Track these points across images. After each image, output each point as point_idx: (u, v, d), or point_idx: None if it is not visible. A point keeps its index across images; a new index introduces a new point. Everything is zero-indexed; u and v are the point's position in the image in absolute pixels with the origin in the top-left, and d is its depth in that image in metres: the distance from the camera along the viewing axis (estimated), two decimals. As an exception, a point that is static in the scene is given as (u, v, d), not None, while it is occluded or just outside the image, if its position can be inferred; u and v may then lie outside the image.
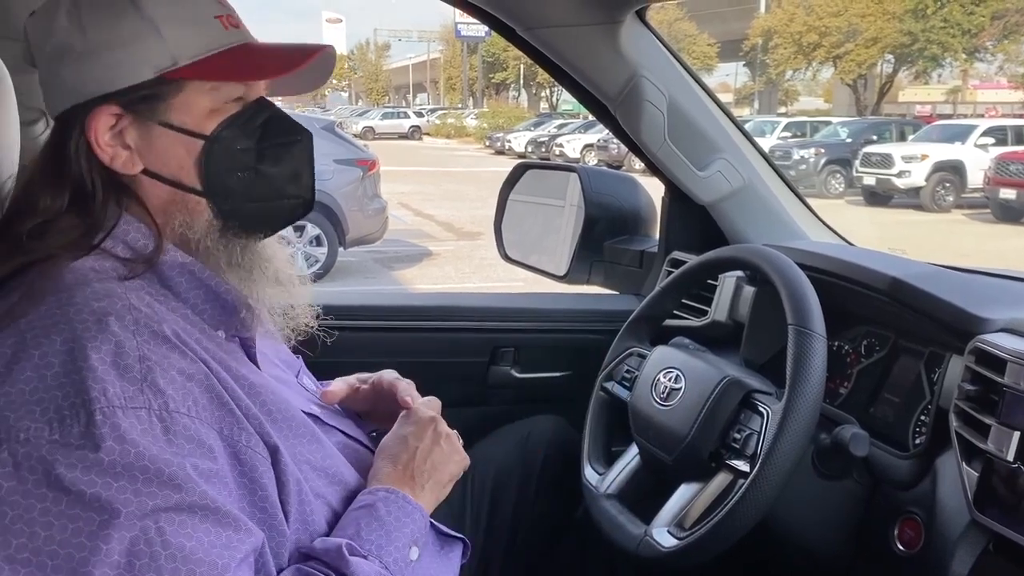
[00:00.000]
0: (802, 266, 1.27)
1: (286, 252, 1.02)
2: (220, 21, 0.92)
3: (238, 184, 0.92)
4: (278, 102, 1.00)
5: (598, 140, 21.46)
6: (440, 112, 44.93)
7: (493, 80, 56.91)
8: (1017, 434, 1.01)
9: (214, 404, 0.84)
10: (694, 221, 1.79)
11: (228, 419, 0.84)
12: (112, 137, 0.88)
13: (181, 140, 0.90)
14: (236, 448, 0.84)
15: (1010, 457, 1.02)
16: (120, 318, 0.81)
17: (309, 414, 0.99)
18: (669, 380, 1.32)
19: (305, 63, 0.93)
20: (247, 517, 0.82)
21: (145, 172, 0.90)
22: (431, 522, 1.15)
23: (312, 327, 1.08)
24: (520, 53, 1.69)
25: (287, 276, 0.99)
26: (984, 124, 16.52)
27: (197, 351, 0.85)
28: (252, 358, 0.98)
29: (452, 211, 11.93)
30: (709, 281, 1.63)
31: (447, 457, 1.06)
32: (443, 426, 1.09)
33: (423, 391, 1.63)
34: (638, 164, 1.81)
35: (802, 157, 16.75)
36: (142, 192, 0.90)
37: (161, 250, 0.89)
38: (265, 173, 0.94)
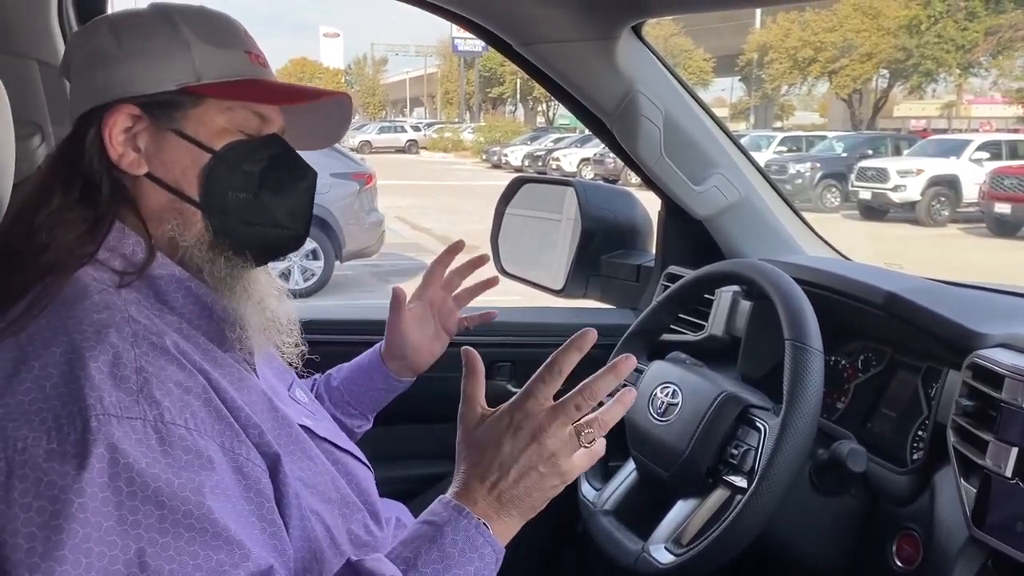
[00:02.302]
0: (799, 281, 1.27)
1: (271, 277, 1.04)
2: (248, 56, 0.97)
3: (235, 203, 0.94)
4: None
5: (595, 154, 21.50)
6: (437, 126, 44.98)
7: (490, 94, 57.11)
8: (1015, 450, 1.01)
9: (213, 417, 0.83)
10: (690, 235, 1.79)
11: (228, 432, 0.84)
12: (125, 137, 0.92)
13: (189, 150, 0.93)
14: (238, 462, 0.83)
15: (1008, 473, 1.01)
16: (119, 330, 0.82)
17: (301, 426, 0.99)
18: (666, 395, 1.31)
19: (316, 99, 0.99)
20: (257, 533, 0.81)
21: (148, 176, 0.92)
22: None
23: (302, 344, 1.08)
24: (517, 68, 1.70)
25: (269, 299, 1.00)
26: (979, 139, 16.60)
27: (196, 362, 0.86)
28: (251, 370, 0.98)
29: (449, 225, 11.96)
30: (706, 295, 1.63)
31: (545, 482, 0.86)
32: (554, 435, 0.85)
33: (418, 405, 1.63)
34: (635, 178, 1.81)
35: (798, 171, 16.81)
36: (142, 195, 0.93)
37: (152, 258, 0.91)
38: (263, 200, 0.96)
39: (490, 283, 1.35)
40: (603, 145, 1.84)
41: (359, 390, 1.31)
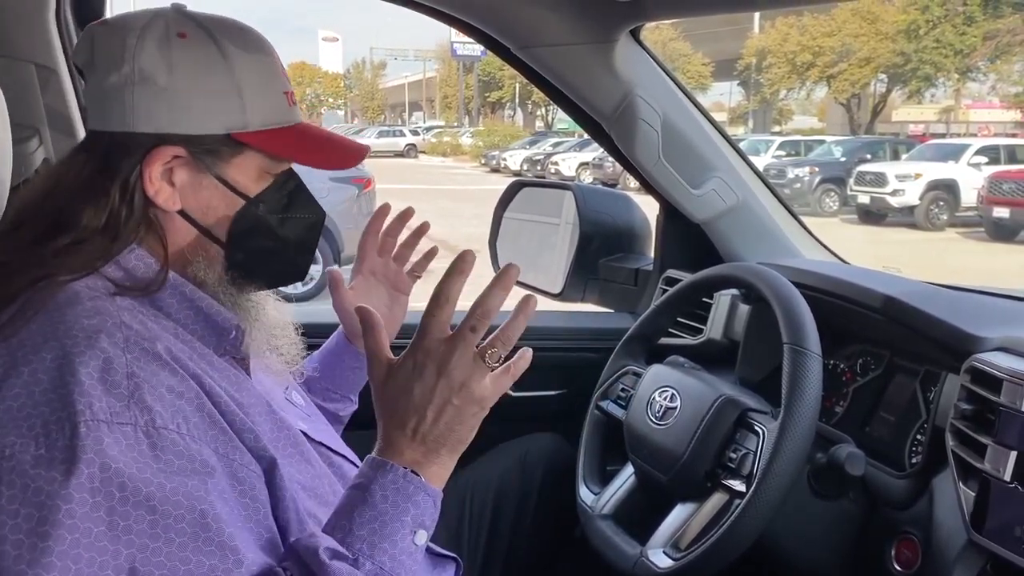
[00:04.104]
0: (797, 284, 1.27)
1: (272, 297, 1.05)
2: (286, 97, 0.96)
3: (256, 244, 0.96)
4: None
5: (593, 158, 21.51)
6: (436, 130, 45.02)
7: (489, 99, 57.14)
8: (1014, 453, 1.01)
9: (206, 423, 0.83)
10: (689, 239, 1.79)
11: (222, 438, 0.84)
12: (162, 173, 0.90)
13: (226, 195, 0.93)
14: (232, 467, 0.83)
15: (1007, 477, 1.01)
16: (110, 335, 0.81)
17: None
18: (664, 399, 1.31)
19: (353, 164, 0.99)
20: (252, 538, 0.81)
21: (180, 212, 0.92)
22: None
23: (300, 347, 1.08)
24: (516, 72, 1.70)
25: (267, 305, 1.02)
26: (977, 143, 16.62)
27: (189, 367, 0.85)
28: (247, 373, 0.98)
29: (447, 229, 11.94)
30: (704, 299, 1.63)
31: (464, 413, 0.86)
32: (457, 365, 0.85)
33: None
34: (633, 183, 1.81)
35: (796, 176, 16.83)
36: (170, 228, 0.92)
37: (163, 283, 0.90)
38: (281, 239, 0.97)
39: (423, 229, 1.34)
40: (602, 149, 1.84)
41: (334, 374, 1.30)
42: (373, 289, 1.30)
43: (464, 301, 0.87)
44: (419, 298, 0.90)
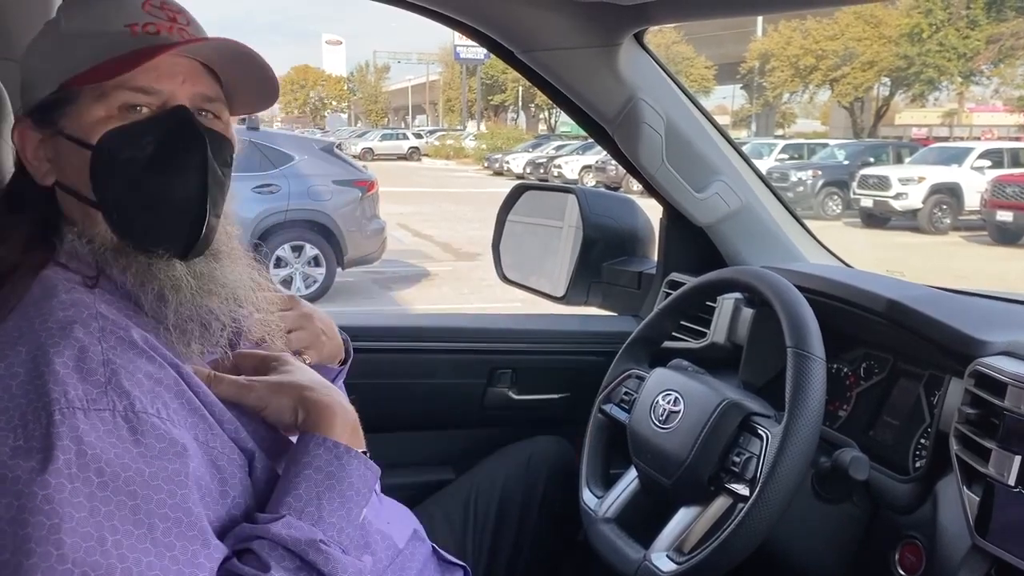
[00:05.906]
0: (800, 288, 1.27)
1: (239, 271, 0.96)
2: (130, 29, 0.90)
3: (126, 195, 0.88)
4: (277, 125, 1.00)
5: (596, 161, 21.52)
6: (439, 133, 45.06)
7: (492, 102, 57.13)
8: (1018, 458, 1.01)
9: (186, 409, 0.83)
10: (692, 243, 1.79)
11: (201, 425, 0.84)
12: (42, 152, 0.92)
13: (75, 150, 0.89)
14: (212, 455, 0.84)
15: (1011, 481, 1.01)
16: (85, 325, 0.81)
17: None
18: (668, 403, 1.31)
19: (172, 49, 0.88)
20: (225, 523, 0.82)
21: (57, 184, 0.92)
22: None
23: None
24: (519, 75, 1.70)
25: (209, 290, 0.91)
26: (980, 147, 16.62)
27: (167, 356, 0.85)
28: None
29: (450, 232, 11.96)
30: (707, 303, 1.63)
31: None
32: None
33: (419, 412, 1.61)
34: (636, 186, 1.82)
35: (800, 179, 16.83)
36: (62, 204, 0.93)
37: (100, 255, 0.89)
38: (150, 183, 0.88)
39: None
40: (605, 152, 1.84)
41: None
42: None
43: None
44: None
